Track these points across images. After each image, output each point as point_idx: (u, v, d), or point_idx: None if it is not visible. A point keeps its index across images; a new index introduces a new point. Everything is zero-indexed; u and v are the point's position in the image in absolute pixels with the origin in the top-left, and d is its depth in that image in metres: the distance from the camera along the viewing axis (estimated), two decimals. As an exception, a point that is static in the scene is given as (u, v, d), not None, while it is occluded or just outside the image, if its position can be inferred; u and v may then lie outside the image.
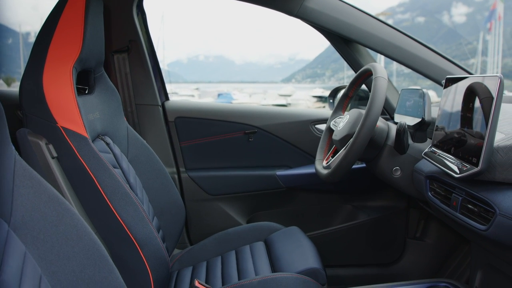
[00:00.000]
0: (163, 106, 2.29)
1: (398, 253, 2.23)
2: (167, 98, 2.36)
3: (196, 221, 2.30)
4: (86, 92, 1.55)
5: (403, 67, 2.03)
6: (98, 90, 1.57)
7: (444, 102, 1.32)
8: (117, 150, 1.57)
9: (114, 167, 1.48)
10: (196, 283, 1.37)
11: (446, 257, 2.13)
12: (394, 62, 1.90)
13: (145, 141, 1.78)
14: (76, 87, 1.38)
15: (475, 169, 1.06)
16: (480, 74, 1.16)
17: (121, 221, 1.32)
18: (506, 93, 1.80)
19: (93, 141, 1.42)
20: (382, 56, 1.92)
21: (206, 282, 1.60)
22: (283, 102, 36.14)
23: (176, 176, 2.28)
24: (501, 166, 1.07)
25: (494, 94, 1.03)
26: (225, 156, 2.31)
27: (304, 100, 36.76)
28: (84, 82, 1.55)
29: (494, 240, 1.06)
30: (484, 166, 1.04)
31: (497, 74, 1.04)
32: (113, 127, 1.62)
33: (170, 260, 1.79)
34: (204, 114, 2.28)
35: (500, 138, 1.11)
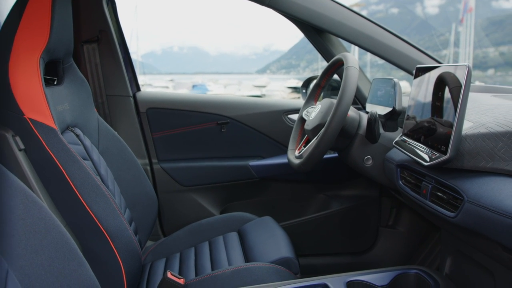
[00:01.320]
0: (134, 97, 2.27)
1: (371, 242, 2.25)
2: (138, 89, 2.34)
3: (169, 212, 2.29)
4: (55, 83, 1.52)
5: (377, 58, 2.05)
6: (67, 81, 1.54)
7: (414, 92, 1.34)
8: (87, 142, 1.55)
9: (84, 159, 1.45)
10: (169, 275, 1.37)
11: (418, 245, 2.16)
12: (369, 53, 1.91)
13: (116, 133, 1.76)
14: (44, 77, 1.35)
15: (444, 157, 1.07)
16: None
17: (91, 214, 1.30)
18: (478, 83, 1.83)
19: (62, 133, 1.39)
20: (357, 47, 1.93)
21: (179, 273, 1.59)
22: (258, 93, 36.16)
23: (148, 167, 2.26)
24: (469, 154, 1.08)
25: (462, 83, 1.04)
26: (197, 147, 2.30)
27: (279, 91, 36.80)
28: (53, 72, 1.51)
29: (463, 226, 1.08)
30: (452, 154, 1.06)
31: (465, 64, 1.06)
32: (83, 119, 1.60)
33: (143, 252, 1.78)
34: (176, 105, 2.26)
35: (468, 126, 1.13)
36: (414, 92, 1.34)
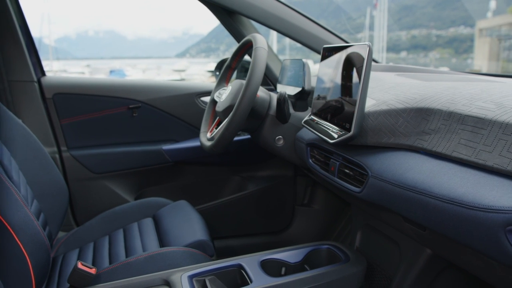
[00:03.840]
0: (39, 82, 2.16)
1: (288, 221, 2.29)
2: (43, 74, 2.22)
3: (81, 201, 2.22)
4: None
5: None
6: None
7: (322, 71, 1.36)
8: (-14, 131, 1.47)
9: None
10: (79, 265, 1.32)
11: (333, 221, 2.22)
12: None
13: (20, 121, 1.67)
14: None
15: (348, 134, 1.10)
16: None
17: None
18: (392, 64, 1.89)
19: None
20: (275, 32, 1.94)
21: (93, 263, 1.55)
22: (177, 77, 35.72)
23: (57, 155, 2.17)
24: (372, 131, 1.12)
25: (364, 62, 1.07)
26: (108, 133, 2.23)
27: (199, 75, 36.53)
28: None
29: (368, 201, 1.11)
30: (356, 131, 1.09)
31: (366, 43, 1.08)
32: None
33: (55, 244, 1.72)
34: (84, 90, 2.18)
35: (371, 104, 1.16)
36: (321, 72, 1.36)
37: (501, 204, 0.72)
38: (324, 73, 1.33)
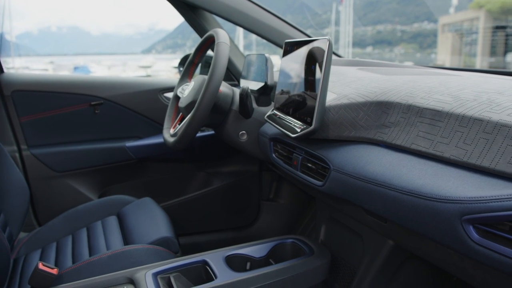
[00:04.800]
0: None
1: (254, 216, 2.30)
2: (1, 71, 2.16)
3: (43, 201, 2.17)
4: None
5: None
6: None
7: (284, 66, 1.36)
8: None
9: None
10: (40, 266, 1.30)
11: (299, 215, 2.24)
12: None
13: None
14: None
15: (309, 128, 1.11)
16: (334, 42, 1.21)
17: None
18: (358, 59, 1.90)
19: None
20: (241, 29, 1.94)
21: (56, 263, 1.52)
22: (143, 73, 35.36)
23: (17, 154, 2.11)
24: (333, 124, 1.13)
25: (324, 56, 1.08)
26: (70, 130, 2.19)
27: (165, 71, 36.25)
28: None
29: (330, 194, 1.12)
30: (317, 125, 1.09)
31: (326, 37, 1.09)
32: None
33: (16, 245, 1.68)
34: (44, 87, 2.13)
35: (332, 98, 1.17)
36: (283, 67, 1.36)
37: (457, 195, 0.74)
38: (286, 68, 1.34)
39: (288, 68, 1.32)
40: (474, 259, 0.74)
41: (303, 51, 1.22)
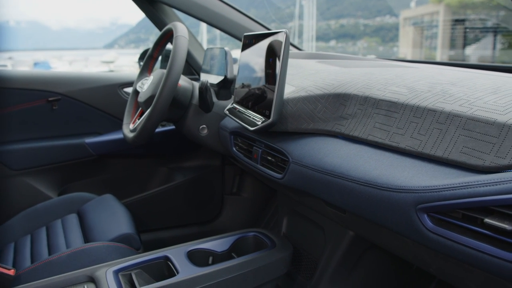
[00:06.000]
0: None
1: (217, 210, 2.29)
2: None
3: (0, 200, 2.11)
4: None
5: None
6: None
7: (243, 59, 1.36)
8: None
9: None
10: None
11: (262, 209, 2.24)
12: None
13: None
14: None
15: (268, 121, 1.11)
16: (297, 36, 1.21)
17: None
18: (322, 52, 1.91)
19: None
20: (205, 24, 1.92)
21: (14, 264, 1.48)
22: (106, 69, 34.82)
23: None
24: (292, 117, 1.13)
25: (281, 49, 1.08)
26: (27, 127, 2.12)
27: (129, 66, 35.74)
28: None
29: (290, 186, 1.13)
30: (275, 118, 1.10)
31: (283, 30, 1.09)
32: None
33: None
34: (0, 83, 2.08)
35: (290, 90, 1.17)
36: (243, 60, 1.36)
37: (412, 184, 0.75)
38: (246, 61, 1.33)
39: (247, 61, 1.32)
40: (429, 247, 0.75)
41: (261, 44, 1.22)
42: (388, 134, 0.89)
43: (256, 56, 1.25)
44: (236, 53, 1.72)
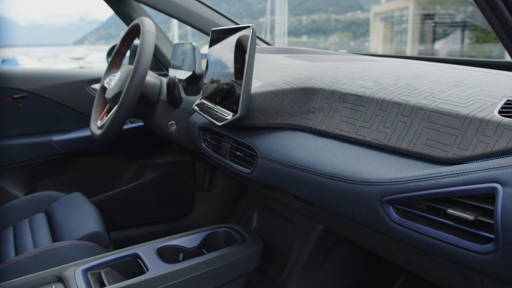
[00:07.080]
0: None
1: (188, 206, 2.28)
2: None
3: None
4: None
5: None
6: None
7: (211, 55, 1.35)
8: None
9: None
10: None
11: (233, 204, 2.24)
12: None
13: None
14: None
15: (235, 116, 1.10)
16: (269, 31, 1.20)
17: None
18: (293, 47, 1.91)
19: None
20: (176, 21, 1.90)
21: (-21, 265, 1.46)
22: (76, 65, 34.32)
23: None
24: (259, 112, 1.13)
25: (248, 43, 1.07)
26: None
27: (99, 62, 35.27)
28: None
29: (259, 181, 1.13)
30: (242, 113, 1.09)
31: (250, 25, 1.09)
32: None
33: None
34: None
35: (258, 85, 1.17)
36: (211, 55, 1.35)
37: (377, 177, 0.75)
38: (213, 56, 1.33)
39: (215, 56, 1.31)
40: (395, 239, 0.75)
41: (229, 40, 1.21)
42: (355, 127, 0.89)
43: (224, 51, 1.24)
44: (206, 49, 1.71)
